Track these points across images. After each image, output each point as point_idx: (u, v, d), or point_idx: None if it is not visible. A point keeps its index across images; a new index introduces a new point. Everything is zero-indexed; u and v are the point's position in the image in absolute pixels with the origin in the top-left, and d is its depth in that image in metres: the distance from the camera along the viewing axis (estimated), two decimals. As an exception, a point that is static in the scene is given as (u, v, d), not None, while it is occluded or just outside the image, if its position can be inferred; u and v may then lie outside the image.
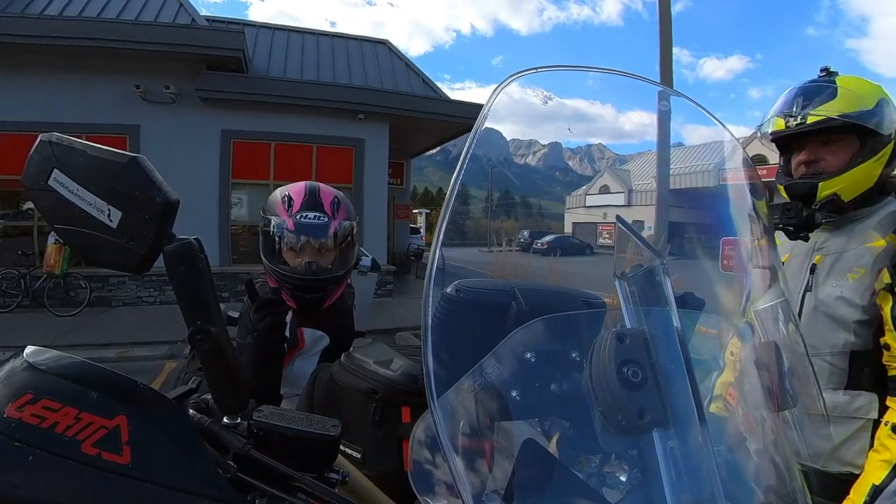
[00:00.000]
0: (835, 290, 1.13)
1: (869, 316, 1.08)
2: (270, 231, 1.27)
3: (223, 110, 8.85)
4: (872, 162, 1.10)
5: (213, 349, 0.55)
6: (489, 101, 0.54)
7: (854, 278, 1.11)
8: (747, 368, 0.52)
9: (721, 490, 0.43)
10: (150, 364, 5.59)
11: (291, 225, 1.26)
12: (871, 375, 1.10)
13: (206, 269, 0.54)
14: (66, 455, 0.49)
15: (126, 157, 0.51)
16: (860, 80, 1.16)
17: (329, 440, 0.59)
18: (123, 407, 0.52)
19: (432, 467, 0.54)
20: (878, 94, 1.13)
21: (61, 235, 0.54)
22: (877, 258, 1.08)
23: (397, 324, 7.39)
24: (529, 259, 1.52)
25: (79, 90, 8.18)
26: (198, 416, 0.60)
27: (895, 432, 1.01)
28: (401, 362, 0.93)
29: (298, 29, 12.45)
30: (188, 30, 8.51)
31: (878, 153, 1.10)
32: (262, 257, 1.30)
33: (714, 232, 0.66)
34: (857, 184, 1.12)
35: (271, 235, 1.27)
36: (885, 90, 1.15)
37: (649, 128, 0.82)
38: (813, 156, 1.16)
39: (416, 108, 10.01)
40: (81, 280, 8.00)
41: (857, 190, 1.13)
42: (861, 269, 1.10)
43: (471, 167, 0.53)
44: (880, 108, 1.10)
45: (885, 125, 1.10)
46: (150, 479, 0.50)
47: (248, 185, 9.41)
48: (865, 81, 1.16)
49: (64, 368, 0.54)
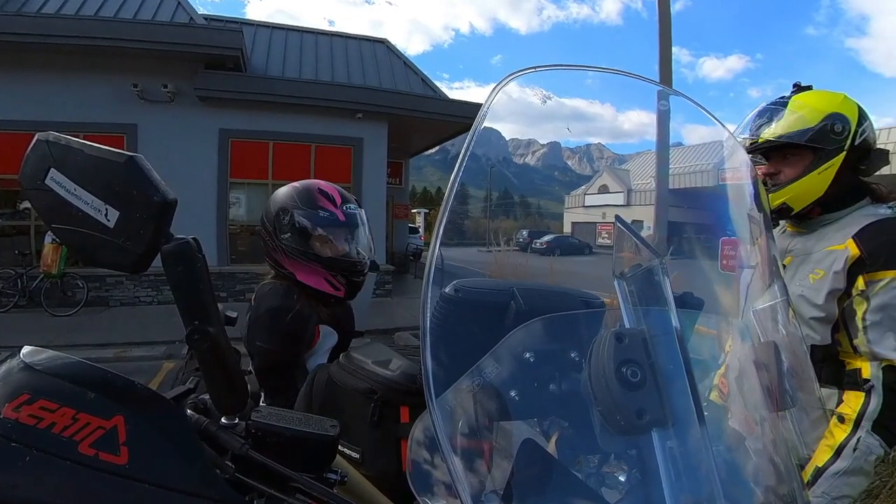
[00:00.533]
0: (797, 288, 1.22)
1: (825, 314, 1.17)
2: (311, 225, 1.31)
3: (221, 109, 8.82)
4: (817, 174, 1.21)
5: (210, 349, 0.54)
6: (488, 100, 0.54)
7: (815, 279, 1.20)
8: (746, 368, 0.52)
9: (720, 490, 0.43)
10: (148, 364, 5.57)
11: (342, 216, 1.34)
12: (830, 371, 1.20)
13: (204, 269, 0.54)
14: (64, 455, 0.49)
15: (123, 157, 0.51)
16: (815, 97, 1.27)
17: (327, 440, 0.59)
18: (121, 407, 0.52)
19: (431, 467, 0.54)
20: (828, 109, 1.22)
21: (58, 235, 0.54)
22: (835, 260, 1.16)
23: (396, 324, 7.38)
24: (528, 258, 1.52)
25: (76, 89, 8.15)
26: (196, 417, 0.60)
27: (841, 421, 1.13)
28: (399, 362, 0.93)
29: (297, 28, 12.43)
30: (186, 28, 8.48)
31: (823, 165, 1.20)
32: (294, 253, 1.32)
33: (713, 232, 0.66)
34: (805, 194, 1.23)
35: (311, 229, 1.32)
36: (844, 102, 1.24)
37: (648, 127, 0.82)
38: (773, 168, 1.28)
39: (415, 108, 9.99)
40: (79, 280, 7.97)
41: (806, 199, 1.23)
42: (821, 270, 1.19)
43: (470, 166, 0.53)
44: (825, 123, 1.20)
45: (829, 139, 1.20)
46: (147, 479, 0.50)
47: (247, 185, 9.38)
48: (820, 98, 1.26)
49: (61, 369, 0.54)
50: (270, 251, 1.36)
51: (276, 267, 1.38)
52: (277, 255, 1.35)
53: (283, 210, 1.33)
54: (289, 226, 1.32)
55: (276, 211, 1.34)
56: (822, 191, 1.22)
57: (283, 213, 1.33)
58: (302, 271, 1.34)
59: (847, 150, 1.20)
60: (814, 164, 1.21)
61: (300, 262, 1.33)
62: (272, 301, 1.32)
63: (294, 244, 1.32)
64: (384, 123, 9.77)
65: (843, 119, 1.21)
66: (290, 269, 1.35)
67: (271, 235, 1.34)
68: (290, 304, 1.30)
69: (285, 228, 1.32)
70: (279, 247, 1.33)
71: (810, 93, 1.29)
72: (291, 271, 1.35)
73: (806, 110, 1.24)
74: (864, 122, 1.23)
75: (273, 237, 1.34)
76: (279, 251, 1.34)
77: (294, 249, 1.32)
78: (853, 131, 1.21)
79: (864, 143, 1.22)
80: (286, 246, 1.32)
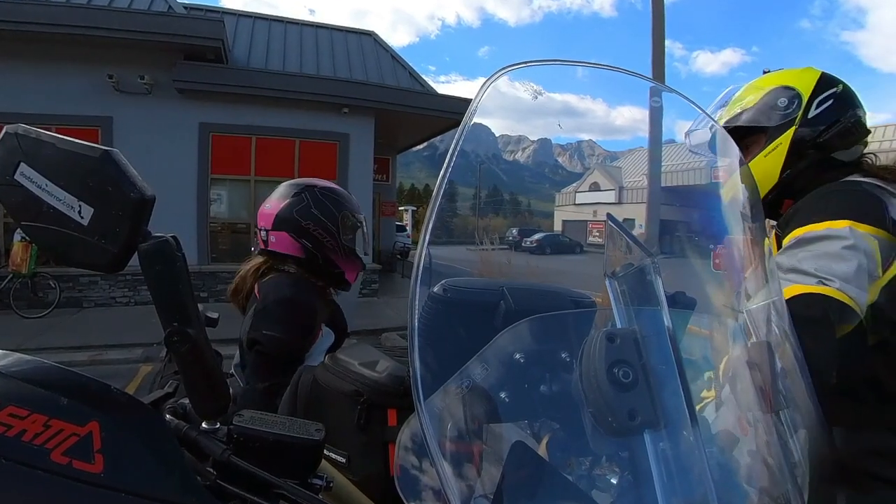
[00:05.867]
0: None
1: None
2: (358, 226, 1.50)
3: (201, 102, 8.62)
4: (763, 156, 1.09)
5: (190, 351, 0.53)
6: (478, 95, 0.53)
7: None
8: (739, 369, 0.53)
9: (714, 492, 0.43)
10: (125, 368, 5.45)
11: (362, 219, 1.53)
12: None
13: (184, 269, 0.52)
14: (35, 465, 0.47)
15: (98, 151, 0.49)
16: (768, 77, 1.16)
17: (312, 444, 0.57)
18: (96, 413, 0.50)
19: (419, 472, 0.53)
20: (772, 84, 1.11)
21: (28, 233, 0.51)
22: None
23: (383, 324, 7.36)
24: (518, 257, 1.53)
25: (48, 79, 7.86)
26: (175, 422, 0.58)
27: None
28: (387, 364, 0.91)
29: (281, 18, 12.19)
30: (164, 17, 8.25)
31: (770, 146, 1.08)
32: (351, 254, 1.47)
33: (706, 230, 0.66)
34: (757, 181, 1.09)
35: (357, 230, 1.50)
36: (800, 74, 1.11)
37: (641, 124, 0.82)
38: None
39: (403, 103, 9.92)
40: (50, 280, 7.68)
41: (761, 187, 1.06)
42: None
43: (459, 163, 0.53)
44: (766, 99, 1.09)
45: (771, 116, 1.08)
46: (124, 488, 0.48)
47: (228, 181, 9.20)
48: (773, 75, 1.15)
49: (31, 373, 0.51)
50: (327, 252, 1.44)
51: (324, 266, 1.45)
52: (335, 254, 1.44)
53: (346, 213, 1.46)
54: (350, 227, 1.47)
55: (341, 213, 1.45)
56: (776, 175, 1.08)
57: (346, 216, 1.46)
58: (349, 269, 1.50)
59: (798, 125, 1.06)
60: (763, 147, 1.09)
61: (353, 262, 1.49)
62: (287, 292, 1.35)
63: (353, 245, 1.48)
64: (371, 118, 9.69)
65: (789, 91, 1.08)
66: (343, 268, 1.48)
67: (333, 236, 1.43)
68: (306, 296, 1.37)
69: (349, 230, 1.46)
70: (341, 247, 1.45)
71: (763, 77, 1.16)
72: (344, 270, 1.48)
73: (749, 90, 1.13)
74: (827, 90, 1.08)
75: (335, 237, 1.44)
76: (339, 251, 1.45)
77: (351, 251, 1.48)
78: (804, 103, 1.07)
79: (825, 113, 1.06)
80: (348, 248, 1.46)
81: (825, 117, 1.06)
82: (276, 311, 1.30)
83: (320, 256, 1.43)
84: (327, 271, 1.46)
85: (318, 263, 1.44)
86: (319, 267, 1.44)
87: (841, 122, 1.06)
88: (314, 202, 1.43)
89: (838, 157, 1.08)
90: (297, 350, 1.31)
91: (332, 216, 1.43)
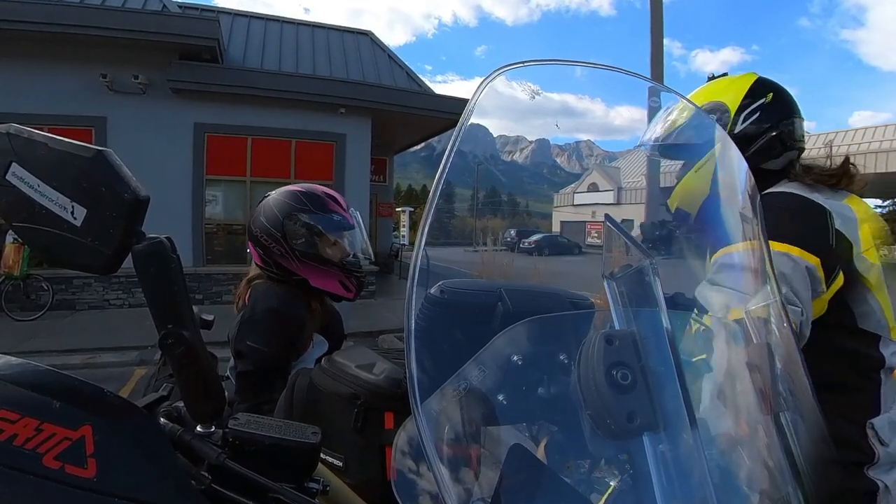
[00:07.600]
0: None
1: None
2: (326, 229, 1.35)
3: (196, 102, 8.56)
4: (693, 172, 1.10)
5: (185, 354, 0.52)
6: (475, 95, 0.53)
7: None
8: (738, 370, 0.53)
9: (713, 495, 0.43)
10: (118, 371, 5.38)
11: (351, 220, 1.40)
12: None
13: (179, 270, 0.52)
14: (26, 469, 0.46)
15: (91, 151, 0.49)
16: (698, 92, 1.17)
17: (308, 448, 0.57)
18: (89, 417, 0.49)
19: (416, 475, 0.53)
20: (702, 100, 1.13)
21: (20, 234, 0.51)
22: None
23: (380, 326, 7.30)
24: (516, 258, 1.52)
25: (41, 78, 7.78)
26: (169, 425, 0.58)
27: None
28: (383, 366, 0.91)
29: (276, 18, 12.13)
30: (159, 16, 8.19)
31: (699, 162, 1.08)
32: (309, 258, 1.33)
33: (705, 233, 0.66)
34: (691, 196, 1.10)
35: (326, 233, 1.35)
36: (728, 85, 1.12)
37: (640, 123, 0.82)
38: None
39: (400, 103, 9.90)
40: (43, 282, 7.59)
41: (696, 202, 1.09)
42: None
43: (456, 164, 0.52)
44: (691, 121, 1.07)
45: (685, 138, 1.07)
46: (116, 493, 0.48)
47: (224, 182, 9.14)
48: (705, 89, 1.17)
49: (23, 376, 0.51)
50: (276, 258, 1.35)
51: (283, 274, 1.36)
52: (286, 261, 1.34)
53: (292, 215, 1.34)
54: (302, 231, 1.33)
55: (283, 217, 1.33)
56: (707, 191, 1.05)
57: (292, 219, 1.33)
58: (316, 276, 1.36)
59: None
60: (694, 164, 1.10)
61: (314, 267, 1.35)
62: (272, 302, 1.31)
63: (308, 249, 1.33)
64: (368, 118, 9.66)
65: (718, 107, 1.10)
66: (302, 275, 1.35)
67: (279, 242, 1.33)
68: (292, 307, 1.31)
69: (298, 234, 1.33)
70: (290, 253, 1.33)
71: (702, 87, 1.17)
72: (305, 277, 1.35)
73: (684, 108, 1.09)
74: (755, 102, 1.09)
75: (281, 243, 1.33)
76: (290, 257, 1.34)
77: (309, 254, 1.33)
78: (731, 118, 1.09)
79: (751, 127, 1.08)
80: (301, 251, 1.33)
81: (752, 131, 1.09)
82: (261, 321, 1.28)
83: (273, 264, 1.36)
84: (289, 280, 1.36)
85: (274, 271, 1.37)
86: (278, 275, 1.37)
87: (765, 135, 1.09)
88: (264, 209, 1.37)
89: (767, 167, 1.11)
90: (280, 361, 1.28)
91: (275, 221, 1.33)
